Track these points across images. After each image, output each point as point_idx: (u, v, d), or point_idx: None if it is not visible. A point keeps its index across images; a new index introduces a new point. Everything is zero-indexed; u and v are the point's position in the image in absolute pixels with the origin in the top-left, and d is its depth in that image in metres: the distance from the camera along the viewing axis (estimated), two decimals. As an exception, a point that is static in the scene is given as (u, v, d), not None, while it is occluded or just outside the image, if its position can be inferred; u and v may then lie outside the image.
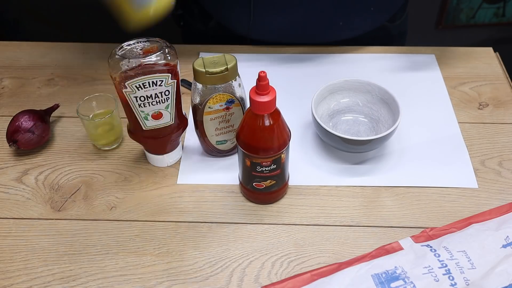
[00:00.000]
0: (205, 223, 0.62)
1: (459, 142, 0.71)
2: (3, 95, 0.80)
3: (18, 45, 0.90)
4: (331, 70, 0.82)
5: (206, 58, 0.60)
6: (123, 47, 0.57)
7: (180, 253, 0.59)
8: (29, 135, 0.67)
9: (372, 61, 0.85)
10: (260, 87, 0.52)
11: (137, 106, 0.59)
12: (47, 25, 1.59)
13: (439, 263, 0.53)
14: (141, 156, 0.70)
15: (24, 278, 0.56)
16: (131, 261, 0.58)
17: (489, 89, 0.80)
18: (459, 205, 0.63)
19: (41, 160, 0.70)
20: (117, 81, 0.57)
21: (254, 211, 0.63)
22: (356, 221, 0.62)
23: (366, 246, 0.59)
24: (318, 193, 0.65)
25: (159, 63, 0.57)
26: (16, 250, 0.59)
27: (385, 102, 0.70)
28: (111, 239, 0.60)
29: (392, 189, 0.65)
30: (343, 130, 0.71)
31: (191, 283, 0.56)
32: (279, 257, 0.58)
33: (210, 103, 0.61)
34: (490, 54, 0.88)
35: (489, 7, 1.74)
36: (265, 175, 0.59)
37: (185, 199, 0.64)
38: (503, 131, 0.73)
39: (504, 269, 0.52)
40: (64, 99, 0.79)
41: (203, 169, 0.68)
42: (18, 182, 0.67)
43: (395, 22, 0.93)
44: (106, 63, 0.57)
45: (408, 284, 0.51)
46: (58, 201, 0.64)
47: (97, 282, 0.56)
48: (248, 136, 0.56)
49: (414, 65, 0.85)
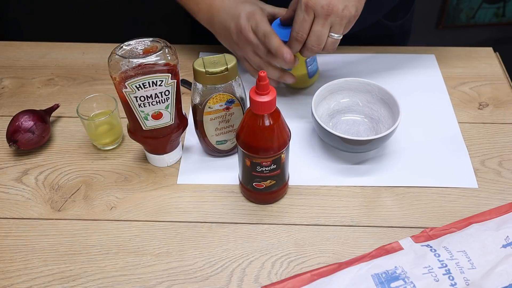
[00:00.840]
0: (205, 223, 0.62)
1: (459, 142, 0.71)
2: (3, 95, 0.80)
3: (18, 45, 0.90)
4: (331, 70, 0.82)
5: (206, 58, 0.60)
6: (123, 47, 0.57)
7: (180, 253, 0.59)
8: (29, 135, 0.67)
9: (372, 61, 0.85)
10: (260, 87, 0.52)
11: (137, 106, 0.59)
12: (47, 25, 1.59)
13: (439, 263, 0.53)
14: (141, 156, 0.70)
15: (24, 278, 0.56)
16: (131, 261, 0.58)
17: (489, 89, 0.80)
18: (459, 205, 0.63)
19: (41, 160, 0.70)
20: (117, 81, 0.57)
21: (254, 211, 0.63)
22: (356, 221, 0.62)
23: (366, 246, 0.59)
24: (318, 193, 0.65)
25: (159, 63, 0.57)
26: (16, 250, 0.59)
27: (385, 102, 0.70)
28: (111, 239, 0.60)
29: (392, 189, 0.65)
30: (343, 130, 0.71)
31: (191, 283, 0.56)
32: (279, 257, 0.58)
33: (210, 103, 0.61)
34: (490, 54, 0.88)
35: (489, 7, 1.74)
36: (265, 175, 0.59)
37: (185, 199, 0.64)
38: (503, 131, 0.73)
39: (504, 269, 0.52)
40: (64, 99, 0.79)
41: (203, 169, 0.68)
42: (18, 182, 0.67)
43: (396, 21, 0.93)
44: (106, 63, 0.57)
45: (408, 284, 0.51)
46: (58, 201, 0.64)
47: (97, 282, 0.56)
48: (248, 136, 0.56)
49: (414, 65, 0.85)
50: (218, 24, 0.72)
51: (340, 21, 0.62)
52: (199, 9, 0.75)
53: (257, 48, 0.69)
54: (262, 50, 0.68)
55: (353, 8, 0.62)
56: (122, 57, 0.56)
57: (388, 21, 0.91)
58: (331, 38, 0.64)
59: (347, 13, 0.62)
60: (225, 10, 0.71)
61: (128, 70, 0.56)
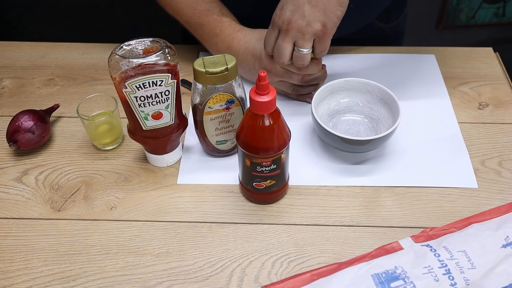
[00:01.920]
0: (205, 223, 0.62)
1: (459, 142, 0.71)
2: (3, 95, 0.80)
3: (18, 45, 0.90)
4: (331, 70, 0.82)
5: (206, 58, 0.60)
6: (123, 47, 0.57)
7: (180, 253, 0.59)
8: (29, 135, 0.68)
9: (372, 61, 0.85)
10: (260, 87, 0.52)
11: (137, 106, 0.59)
12: (47, 25, 1.59)
13: (439, 263, 0.53)
14: (141, 156, 0.70)
15: (24, 278, 0.56)
16: (131, 261, 0.58)
17: (489, 89, 0.80)
18: (459, 205, 0.63)
19: (41, 160, 0.70)
20: (117, 81, 0.57)
21: (254, 211, 0.63)
22: (356, 221, 0.62)
23: (366, 246, 0.59)
24: (318, 193, 0.65)
25: (159, 63, 0.57)
26: (16, 250, 0.59)
27: (385, 102, 0.70)
28: (111, 239, 0.60)
29: (392, 189, 0.65)
30: (343, 130, 0.71)
31: (191, 283, 0.56)
32: (279, 257, 0.58)
33: (210, 103, 0.61)
34: (490, 54, 0.88)
35: (489, 7, 1.75)
36: (265, 175, 0.59)
37: (185, 199, 0.64)
38: (503, 131, 0.73)
39: (504, 269, 0.52)
40: (64, 99, 0.79)
41: (203, 169, 0.68)
42: (18, 182, 0.67)
43: (390, 22, 0.93)
44: (106, 63, 0.57)
45: (408, 284, 0.51)
46: (58, 201, 0.64)
47: (97, 282, 0.56)
48: (248, 136, 0.56)
49: (414, 65, 0.85)
50: (242, 64, 0.75)
51: (302, 36, 0.63)
52: (218, 50, 0.77)
53: (290, 79, 0.73)
54: (296, 78, 0.72)
55: (317, 24, 0.62)
56: (122, 57, 0.56)
57: (382, 23, 0.91)
58: (298, 53, 0.65)
59: (310, 30, 0.62)
60: (244, 51, 0.74)
61: (128, 70, 0.56)
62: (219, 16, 0.76)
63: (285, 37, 0.64)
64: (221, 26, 0.75)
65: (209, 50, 0.79)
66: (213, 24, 0.76)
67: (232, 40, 0.75)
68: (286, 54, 0.65)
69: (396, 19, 0.93)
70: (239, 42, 0.74)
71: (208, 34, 0.76)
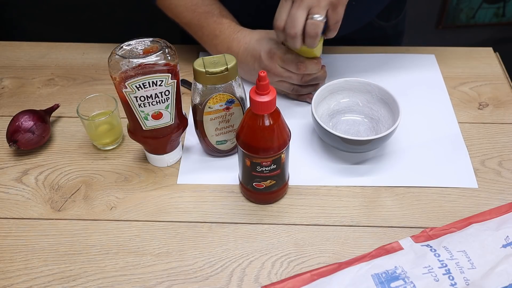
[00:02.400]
0: (205, 223, 0.62)
1: (459, 142, 0.71)
2: (3, 95, 0.80)
3: (18, 45, 0.90)
4: (331, 70, 0.82)
5: (206, 58, 0.60)
6: (123, 47, 0.57)
7: (180, 253, 0.59)
8: (29, 135, 0.68)
9: (372, 61, 0.85)
10: (260, 87, 0.52)
11: (137, 106, 0.59)
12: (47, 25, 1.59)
13: (439, 263, 0.53)
14: (141, 156, 0.70)
15: (24, 278, 0.56)
16: (131, 261, 0.58)
17: (489, 89, 0.80)
18: (459, 205, 0.63)
19: (41, 160, 0.70)
20: (117, 81, 0.57)
21: (254, 211, 0.63)
22: (356, 221, 0.62)
23: (366, 246, 0.59)
24: (318, 193, 0.65)
25: (159, 63, 0.57)
26: (16, 250, 0.59)
27: (385, 102, 0.70)
28: (111, 239, 0.60)
29: (392, 189, 0.65)
30: (343, 130, 0.71)
31: (191, 283, 0.56)
32: (279, 257, 0.58)
33: (210, 103, 0.61)
34: (490, 54, 0.88)
35: (489, 7, 1.75)
36: (265, 175, 0.59)
37: (185, 199, 0.64)
38: (503, 131, 0.73)
39: (504, 269, 0.52)
40: (64, 99, 0.79)
41: (203, 169, 0.68)
42: (18, 182, 0.67)
43: (390, 21, 0.93)
44: (106, 63, 0.57)
45: (408, 284, 0.51)
46: (58, 201, 0.64)
47: (97, 282, 0.56)
48: (248, 136, 0.56)
49: (414, 65, 0.85)
50: (241, 65, 0.75)
51: (317, 2, 0.62)
52: (218, 51, 0.76)
53: (290, 79, 0.73)
54: (296, 78, 0.72)
55: None
56: (122, 57, 0.56)
57: (382, 21, 0.91)
58: (311, 20, 0.63)
59: None
60: (244, 52, 0.74)
61: (128, 70, 0.56)
62: (218, 18, 0.76)
63: (300, 4, 0.63)
64: (221, 27, 0.75)
65: (209, 51, 0.79)
66: (212, 26, 0.76)
67: (231, 41, 0.75)
68: (299, 22, 0.63)
69: (396, 18, 0.93)
70: (238, 43, 0.74)
71: (208, 36, 0.76)
